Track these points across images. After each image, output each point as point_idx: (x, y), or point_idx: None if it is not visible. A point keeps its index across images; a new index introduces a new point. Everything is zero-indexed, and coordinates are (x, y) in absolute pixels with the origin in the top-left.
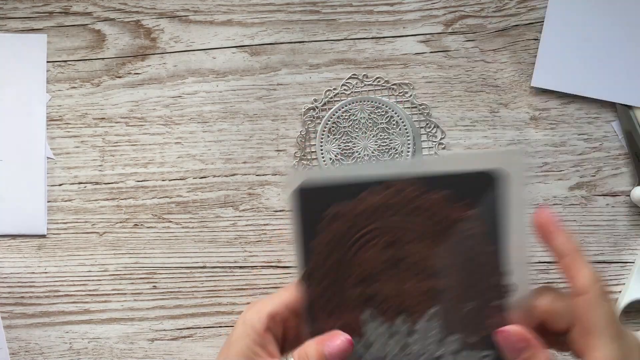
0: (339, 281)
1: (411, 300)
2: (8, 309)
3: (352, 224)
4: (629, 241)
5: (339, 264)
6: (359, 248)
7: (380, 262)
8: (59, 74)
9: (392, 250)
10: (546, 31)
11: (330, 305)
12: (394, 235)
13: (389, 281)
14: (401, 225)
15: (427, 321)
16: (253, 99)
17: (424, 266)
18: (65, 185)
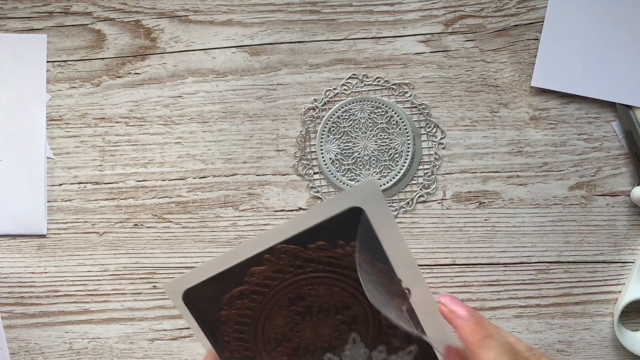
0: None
1: (331, 336)
2: (8, 309)
3: (251, 299)
4: (629, 241)
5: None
6: (266, 319)
7: (291, 319)
8: (59, 74)
9: (296, 306)
10: (546, 31)
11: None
12: (293, 292)
13: (305, 330)
14: (295, 281)
15: (352, 346)
16: (253, 99)
17: (330, 305)
18: (65, 185)
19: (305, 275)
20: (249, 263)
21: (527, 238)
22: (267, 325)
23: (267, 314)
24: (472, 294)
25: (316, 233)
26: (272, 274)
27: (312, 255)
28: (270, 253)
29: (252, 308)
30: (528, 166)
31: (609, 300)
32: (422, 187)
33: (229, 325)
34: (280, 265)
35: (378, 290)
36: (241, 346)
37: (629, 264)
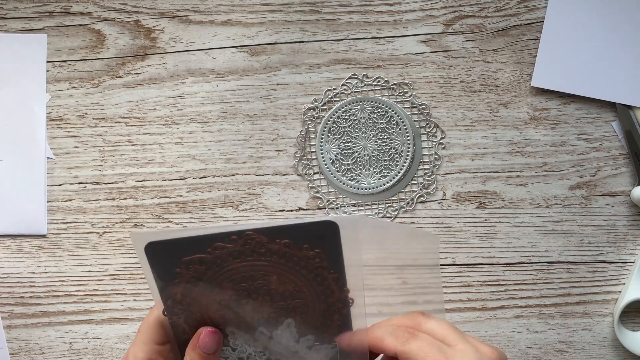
0: (201, 311)
1: (269, 315)
2: (8, 309)
3: (209, 268)
4: (629, 241)
5: (200, 297)
6: (216, 286)
7: (238, 293)
8: (59, 74)
9: (247, 284)
10: (546, 31)
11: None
12: (247, 273)
13: (247, 305)
14: (252, 265)
15: (284, 329)
16: (253, 99)
17: (277, 292)
18: (65, 185)
19: (263, 263)
20: (215, 238)
21: (527, 238)
22: (216, 290)
23: (218, 283)
24: (472, 294)
25: (286, 232)
26: (233, 253)
27: (275, 248)
28: (238, 235)
29: (206, 274)
30: (528, 166)
31: (609, 300)
32: (422, 187)
33: (182, 279)
34: (244, 248)
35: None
36: (186, 300)
37: (629, 264)
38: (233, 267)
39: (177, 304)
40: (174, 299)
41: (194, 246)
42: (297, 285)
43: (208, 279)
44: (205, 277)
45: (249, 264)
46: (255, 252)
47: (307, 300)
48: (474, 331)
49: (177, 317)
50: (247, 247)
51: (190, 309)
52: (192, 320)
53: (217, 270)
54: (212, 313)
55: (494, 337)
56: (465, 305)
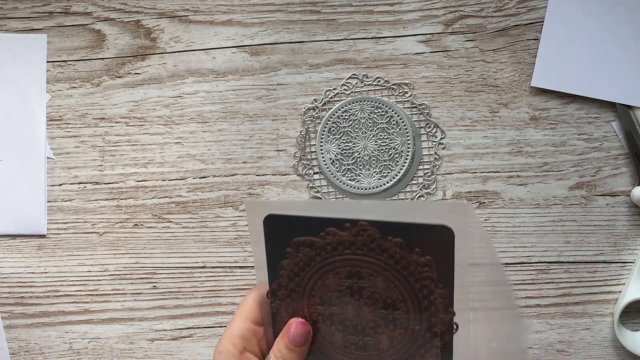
0: (302, 299)
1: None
2: (8, 309)
3: (318, 253)
4: (629, 241)
5: (304, 285)
6: (324, 274)
7: (341, 289)
8: (59, 74)
9: (352, 280)
10: (546, 31)
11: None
12: (355, 268)
13: (347, 305)
14: (361, 260)
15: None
16: (253, 99)
17: (381, 297)
18: (65, 185)
19: (373, 260)
20: (329, 222)
21: (527, 238)
22: (319, 282)
23: (324, 273)
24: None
25: (400, 229)
26: (344, 242)
27: (387, 247)
28: (352, 224)
29: (314, 259)
30: (528, 166)
31: (609, 300)
32: (422, 187)
33: (290, 262)
34: (356, 239)
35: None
36: (290, 285)
37: (629, 264)
38: (341, 259)
39: (281, 288)
40: (279, 282)
41: (308, 227)
42: (401, 294)
43: (315, 266)
44: (312, 263)
45: (358, 258)
46: (366, 246)
47: (409, 314)
48: None
49: (279, 302)
50: (358, 238)
51: (292, 296)
52: (291, 310)
53: (326, 258)
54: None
55: None
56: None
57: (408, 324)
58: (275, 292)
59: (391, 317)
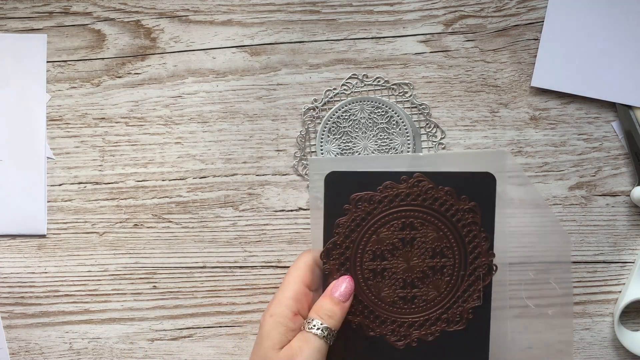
0: (356, 257)
1: (415, 275)
2: (8, 309)
3: (375, 207)
4: (629, 241)
5: (359, 241)
6: (378, 228)
7: (394, 242)
8: (59, 74)
9: (405, 233)
10: (546, 31)
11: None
12: (409, 219)
13: (399, 258)
14: (414, 210)
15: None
16: (253, 99)
17: (430, 246)
18: (65, 185)
19: (425, 210)
20: (386, 176)
21: (527, 238)
22: (374, 237)
23: (379, 226)
24: None
25: (450, 178)
26: (401, 194)
27: (439, 195)
28: (408, 176)
29: (370, 214)
30: (528, 166)
31: (609, 300)
32: None
33: (347, 219)
34: (412, 191)
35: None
36: (345, 243)
37: (629, 264)
38: (396, 211)
39: (336, 247)
40: (334, 241)
41: (366, 182)
42: (449, 241)
43: (371, 220)
44: (369, 217)
45: (412, 209)
46: (420, 196)
47: (455, 260)
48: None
49: (333, 262)
50: (414, 190)
51: (345, 255)
52: (343, 269)
53: (381, 212)
54: (363, 263)
55: (494, 337)
56: None
57: (453, 270)
58: (329, 252)
59: (439, 265)
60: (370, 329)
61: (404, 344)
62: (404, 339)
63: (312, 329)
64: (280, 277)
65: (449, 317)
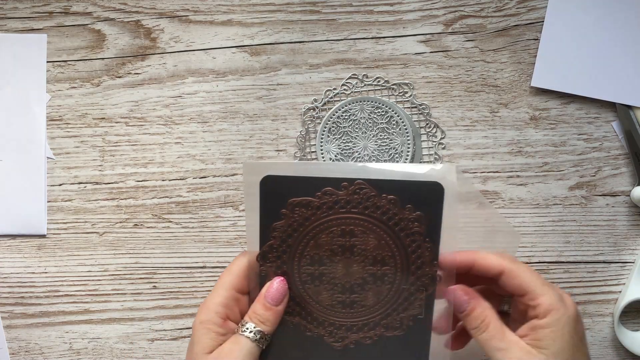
0: (293, 261)
1: (354, 281)
2: (8, 309)
3: (313, 213)
4: (629, 241)
5: (296, 246)
6: (317, 234)
7: (333, 247)
8: (59, 74)
9: (345, 239)
10: (546, 31)
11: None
12: (349, 226)
13: (338, 264)
14: (357, 218)
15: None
16: (253, 99)
17: (371, 254)
18: (65, 185)
19: (366, 218)
20: (326, 182)
21: (527, 238)
22: (312, 242)
23: (317, 232)
24: None
25: (394, 188)
26: (340, 201)
27: (381, 204)
28: (349, 183)
29: (308, 219)
30: (528, 166)
31: (609, 300)
32: None
33: (283, 224)
34: (352, 198)
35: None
36: (282, 247)
37: (629, 264)
38: (336, 218)
39: (272, 250)
40: (271, 244)
41: (305, 188)
42: (391, 250)
43: (309, 226)
44: (307, 223)
45: (353, 216)
46: (361, 204)
47: (396, 269)
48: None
49: (269, 265)
50: (355, 197)
51: (282, 258)
52: (280, 272)
53: (320, 218)
54: (301, 267)
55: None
56: None
57: (395, 278)
58: (265, 255)
59: (380, 272)
60: (308, 329)
61: (341, 345)
62: (341, 341)
63: (245, 332)
64: None
65: (388, 323)
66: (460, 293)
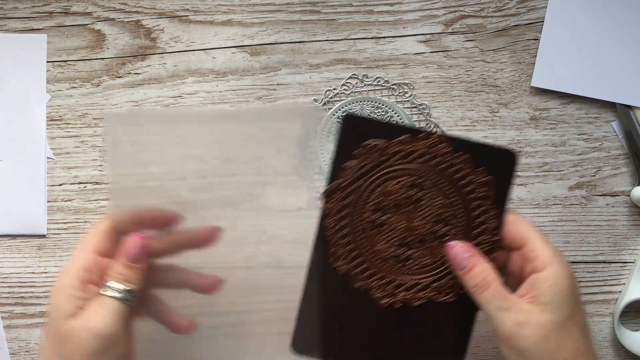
0: (358, 203)
1: (414, 236)
2: (8, 309)
3: (387, 159)
4: (629, 241)
5: (364, 190)
6: (386, 180)
7: (400, 198)
8: (59, 74)
9: (413, 191)
10: (546, 31)
11: (341, 223)
12: (419, 179)
13: (401, 215)
14: (428, 172)
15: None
16: (253, 99)
17: (435, 212)
18: (65, 185)
19: (438, 173)
20: (404, 129)
21: None
22: (380, 188)
23: (387, 179)
24: None
25: (469, 147)
26: (417, 152)
27: (456, 161)
28: (428, 135)
29: (381, 165)
30: (528, 166)
31: (609, 300)
32: None
33: (356, 164)
34: (429, 150)
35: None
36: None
37: (629, 264)
38: (409, 168)
39: (339, 189)
40: (339, 183)
41: (383, 132)
42: (456, 211)
43: (381, 171)
44: (379, 167)
45: (426, 169)
46: (437, 158)
47: (457, 231)
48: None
49: (332, 204)
50: (432, 150)
51: (347, 200)
52: (344, 212)
53: (393, 165)
54: (365, 212)
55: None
56: None
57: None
58: (331, 193)
59: (440, 232)
60: (357, 280)
61: (387, 302)
62: (388, 298)
63: (107, 291)
64: (280, 276)
65: (440, 286)
66: (462, 249)
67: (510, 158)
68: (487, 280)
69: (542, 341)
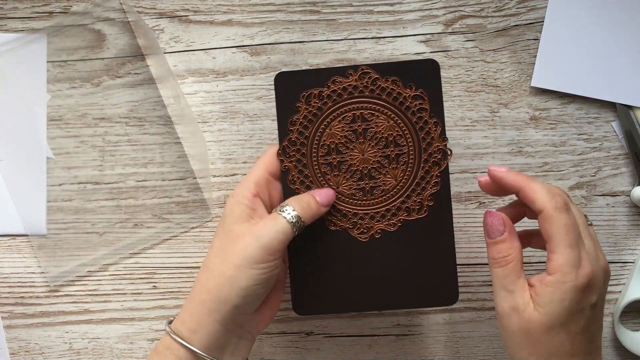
0: (311, 153)
1: (371, 165)
2: (8, 309)
3: (325, 103)
4: (629, 241)
5: (313, 137)
6: (330, 122)
7: (347, 135)
8: (59, 74)
9: (356, 125)
10: (546, 31)
11: (303, 174)
12: (358, 111)
13: (354, 150)
14: (365, 102)
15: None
16: (253, 99)
17: (383, 135)
18: (65, 185)
19: (374, 101)
20: (332, 72)
21: None
22: (327, 132)
23: (330, 121)
24: (472, 294)
25: (395, 70)
26: (348, 87)
27: (385, 85)
28: (354, 70)
29: (321, 110)
30: (528, 166)
31: (609, 300)
32: None
33: (299, 116)
34: (358, 83)
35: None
36: (299, 140)
37: (629, 264)
38: (345, 104)
39: (292, 144)
40: (289, 139)
41: (315, 80)
42: (400, 130)
43: (322, 115)
44: (319, 113)
45: (361, 101)
46: (367, 88)
47: (409, 148)
48: (474, 331)
49: (290, 160)
50: (361, 82)
51: (301, 152)
52: (301, 165)
53: (331, 107)
54: (320, 157)
55: (494, 337)
56: (465, 305)
57: (409, 158)
58: (285, 150)
59: (394, 154)
60: (333, 223)
61: (367, 236)
62: (366, 232)
63: (283, 212)
64: None
65: (410, 205)
66: (498, 221)
67: (433, 67)
68: (507, 259)
69: (523, 333)
